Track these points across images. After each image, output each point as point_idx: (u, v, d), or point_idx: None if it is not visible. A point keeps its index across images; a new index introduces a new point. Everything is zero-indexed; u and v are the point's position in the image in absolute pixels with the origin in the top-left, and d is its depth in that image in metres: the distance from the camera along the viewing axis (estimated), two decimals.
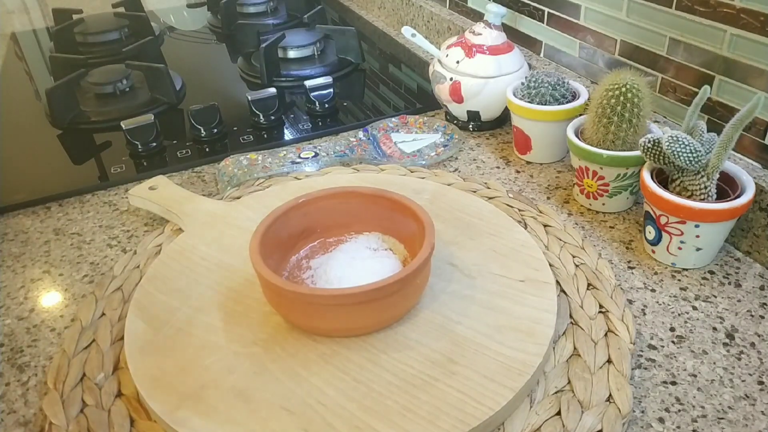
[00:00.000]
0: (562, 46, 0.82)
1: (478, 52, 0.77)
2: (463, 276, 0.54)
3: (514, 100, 0.71)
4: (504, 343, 0.47)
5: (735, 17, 0.59)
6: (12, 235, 0.66)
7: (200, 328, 0.49)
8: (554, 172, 0.73)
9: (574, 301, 0.52)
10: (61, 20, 1.19)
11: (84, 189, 0.73)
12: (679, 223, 0.54)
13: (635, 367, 0.48)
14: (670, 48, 0.67)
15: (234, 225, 0.61)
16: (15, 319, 0.55)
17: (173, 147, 0.81)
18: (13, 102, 0.97)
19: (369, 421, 0.42)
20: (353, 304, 0.45)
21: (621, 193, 0.63)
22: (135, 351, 0.48)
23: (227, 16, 1.20)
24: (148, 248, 0.61)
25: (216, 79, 1.02)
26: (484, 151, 0.77)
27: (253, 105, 0.84)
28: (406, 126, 0.80)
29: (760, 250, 0.57)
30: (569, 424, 0.42)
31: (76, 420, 0.44)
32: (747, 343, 0.49)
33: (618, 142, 0.61)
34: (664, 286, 0.55)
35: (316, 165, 0.73)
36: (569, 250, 0.58)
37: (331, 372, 0.45)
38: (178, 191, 0.66)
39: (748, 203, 0.53)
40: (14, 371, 0.50)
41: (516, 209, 0.64)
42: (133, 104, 0.91)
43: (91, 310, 0.54)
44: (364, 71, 1.03)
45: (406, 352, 0.47)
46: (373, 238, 0.56)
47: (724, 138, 0.51)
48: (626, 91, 0.59)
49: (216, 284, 0.54)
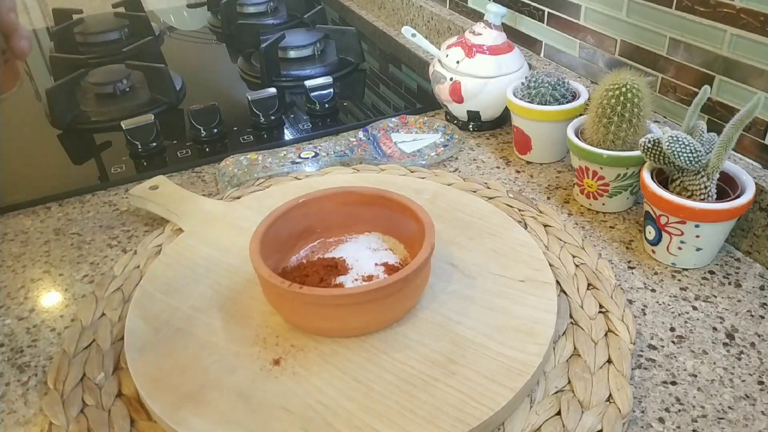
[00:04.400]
0: (562, 46, 0.82)
1: (478, 52, 0.77)
2: (463, 276, 0.54)
3: (514, 100, 0.71)
4: (504, 343, 0.47)
5: (735, 17, 0.59)
6: (12, 235, 0.66)
7: (200, 328, 0.49)
8: (554, 172, 0.73)
9: (574, 301, 0.52)
10: (61, 20, 1.19)
11: (84, 189, 0.73)
12: (679, 223, 0.54)
13: (635, 367, 0.48)
14: (670, 48, 0.67)
15: (234, 225, 0.61)
16: (15, 319, 0.55)
17: (173, 147, 0.81)
18: (13, 102, 0.97)
19: (369, 421, 0.42)
20: (353, 304, 0.45)
21: (621, 193, 0.63)
22: (135, 351, 0.48)
23: (227, 16, 1.20)
24: (148, 248, 0.61)
25: (216, 79, 1.02)
26: (484, 151, 0.77)
27: (253, 105, 0.84)
28: (406, 126, 0.80)
29: (760, 250, 0.57)
30: (569, 424, 0.42)
31: (76, 420, 0.44)
32: (747, 343, 0.49)
33: (618, 142, 0.61)
34: (664, 286, 0.55)
35: (316, 165, 0.73)
36: (569, 250, 0.58)
37: (331, 372, 0.45)
38: (178, 191, 0.66)
39: (748, 203, 0.53)
40: (14, 371, 0.50)
41: (516, 209, 0.64)
42: (133, 104, 0.91)
43: (91, 310, 0.54)
44: (364, 71, 1.03)
45: (406, 352, 0.47)
46: (373, 239, 0.56)
47: (724, 138, 0.51)
48: (626, 91, 0.59)
49: (216, 284, 0.54)
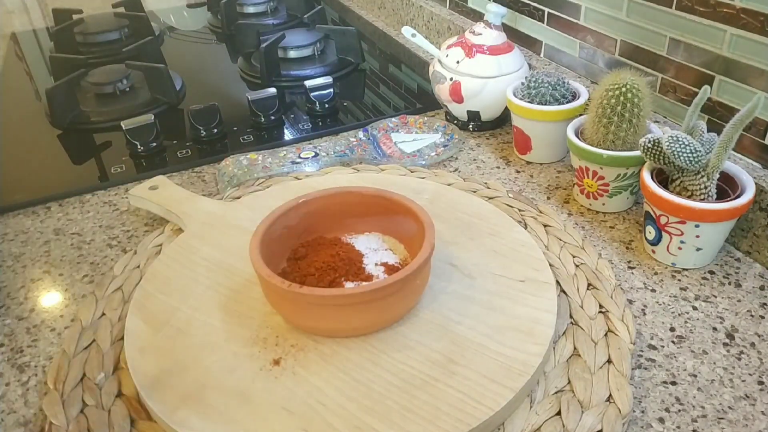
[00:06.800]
0: (562, 46, 0.82)
1: (478, 52, 0.77)
2: (463, 276, 0.54)
3: (514, 100, 0.71)
4: (504, 343, 0.47)
5: (735, 17, 0.59)
6: (12, 235, 0.66)
7: (200, 328, 0.49)
8: (554, 172, 0.73)
9: (574, 301, 0.52)
10: (61, 20, 1.19)
11: (84, 189, 0.73)
12: (679, 223, 0.54)
13: (635, 367, 0.48)
14: (670, 48, 0.67)
15: (234, 225, 0.61)
16: (15, 319, 0.55)
17: (173, 147, 0.81)
18: (13, 102, 0.97)
19: (369, 421, 0.42)
20: (353, 304, 0.45)
21: (621, 193, 0.63)
22: (135, 351, 0.48)
23: (227, 16, 1.20)
24: (148, 248, 0.61)
25: (216, 79, 1.02)
26: (484, 151, 0.77)
27: (253, 105, 0.84)
28: (406, 126, 0.80)
29: (760, 250, 0.57)
30: (569, 424, 0.42)
31: (76, 420, 0.44)
32: (747, 343, 0.49)
33: (618, 142, 0.61)
34: (664, 286, 0.55)
35: (316, 165, 0.73)
36: (569, 250, 0.58)
37: (331, 372, 0.45)
38: (178, 191, 0.66)
39: (748, 203, 0.53)
40: (14, 371, 0.50)
41: (516, 209, 0.64)
42: (133, 104, 0.91)
43: (91, 310, 0.54)
44: (364, 71, 1.03)
45: (406, 352, 0.47)
46: (373, 239, 0.56)
47: (724, 138, 0.51)
48: (626, 91, 0.59)
49: (216, 284, 0.54)
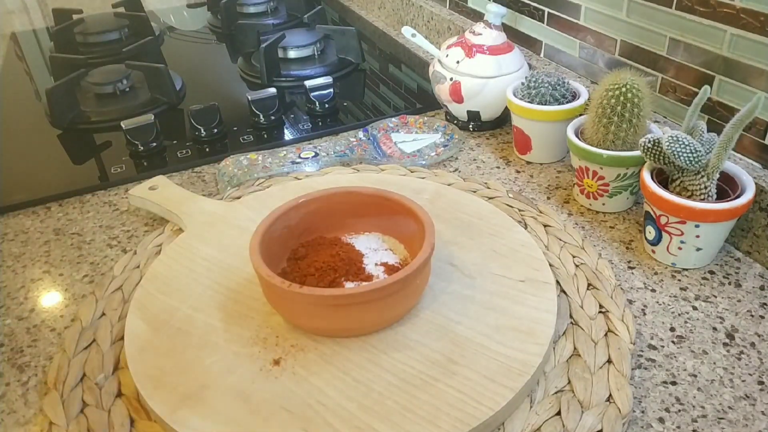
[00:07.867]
0: (562, 46, 0.82)
1: (478, 52, 0.77)
2: (463, 276, 0.54)
3: (514, 100, 0.71)
4: (504, 343, 0.47)
5: (735, 17, 0.59)
6: (12, 235, 0.66)
7: (200, 328, 0.49)
8: (554, 172, 0.73)
9: (574, 301, 0.52)
10: (61, 20, 1.19)
11: (84, 189, 0.73)
12: (679, 223, 0.54)
13: (635, 367, 0.48)
14: (670, 48, 0.67)
15: (234, 225, 0.61)
16: (15, 319, 0.55)
17: (173, 147, 0.81)
18: (13, 102, 0.97)
19: (369, 421, 0.42)
20: (353, 304, 0.45)
21: (621, 193, 0.63)
22: (135, 351, 0.48)
23: (227, 16, 1.20)
24: (148, 248, 0.61)
25: (216, 79, 1.02)
26: (484, 151, 0.77)
27: (253, 105, 0.84)
28: (406, 126, 0.80)
29: (760, 250, 0.57)
30: (569, 424, 0.42)
31: (76, 420, 0.44)
32: (747, 343, 0.49)
33: (618, 142, 0.61)
34: (664, 286, 0.55)
35: (316, 165, 0.73)
36: (569, 250, 0.58)
37: (331, 372, 0.45)
38: (178, 191, 0.66)
39: (748, 203, 0.53)
40: (14, 371, 0.50)
41: (516, 209, 0.64)
42: (133, 104, 0.91)
43: (91, 310, 0.54)
44: (364, 71, 1.03)
45: (406, 352, 0.47)
46: (373, 239, 0.56)
47: (724, 138, 0.51)
48: (626, 91, 0.59)
49: (216, 284, 0.54)
